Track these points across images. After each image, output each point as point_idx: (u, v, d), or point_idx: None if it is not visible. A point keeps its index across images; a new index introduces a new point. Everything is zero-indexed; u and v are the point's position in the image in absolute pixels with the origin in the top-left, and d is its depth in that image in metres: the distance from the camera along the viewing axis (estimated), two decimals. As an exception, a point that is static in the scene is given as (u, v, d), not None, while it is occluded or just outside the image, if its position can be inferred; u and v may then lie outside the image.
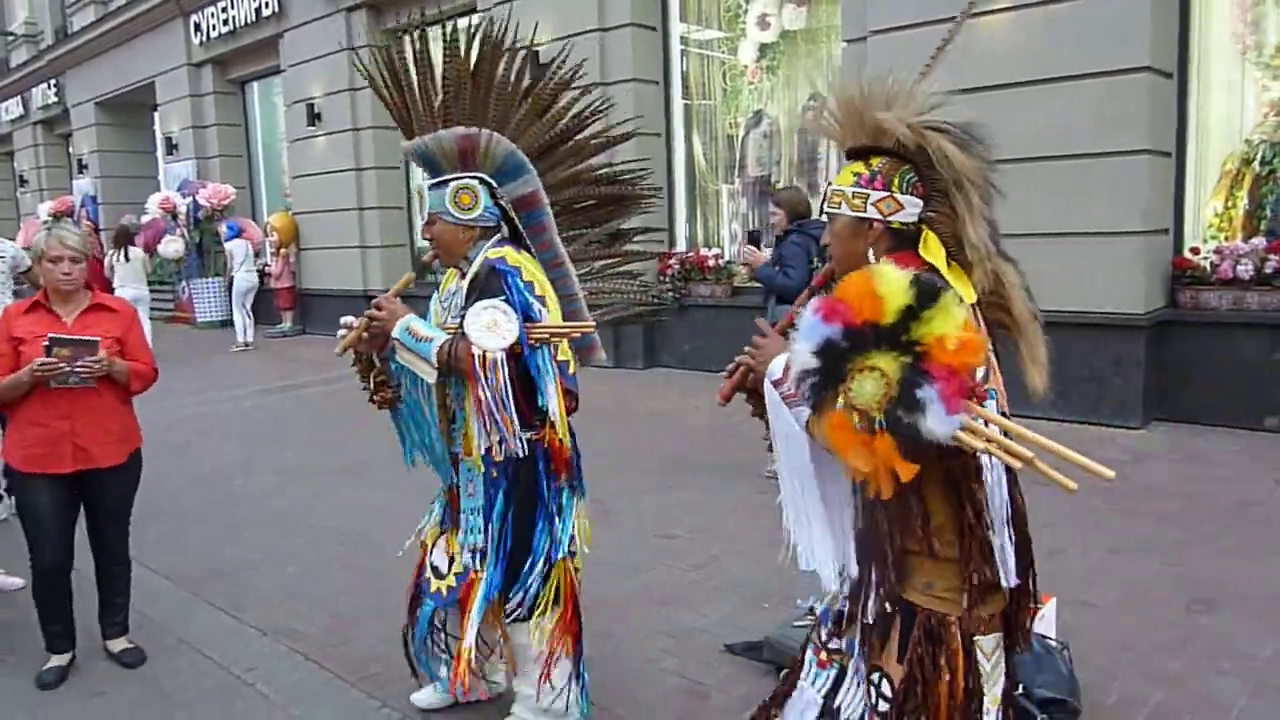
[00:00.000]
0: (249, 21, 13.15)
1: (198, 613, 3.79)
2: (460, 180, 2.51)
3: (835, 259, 1.78)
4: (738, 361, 1.81)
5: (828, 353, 1.46)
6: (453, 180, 2.51)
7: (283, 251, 12.85)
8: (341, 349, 2.56)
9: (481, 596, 2.55)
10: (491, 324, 2.32)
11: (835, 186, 1.74)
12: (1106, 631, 3.25)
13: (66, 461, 3.13)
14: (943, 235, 1.66)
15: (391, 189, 11.89)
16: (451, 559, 2.65)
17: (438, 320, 2.60)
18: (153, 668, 3.32)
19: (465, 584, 2.60)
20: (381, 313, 2.47)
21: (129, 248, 11.07)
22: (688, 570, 4.01)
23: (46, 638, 3.28)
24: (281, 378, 9.58)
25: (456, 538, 2.64)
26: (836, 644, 1.81)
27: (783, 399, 1.63)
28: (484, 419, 2.36)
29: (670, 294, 8.70)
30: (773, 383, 1.66)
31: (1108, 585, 3.67)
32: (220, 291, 13.98)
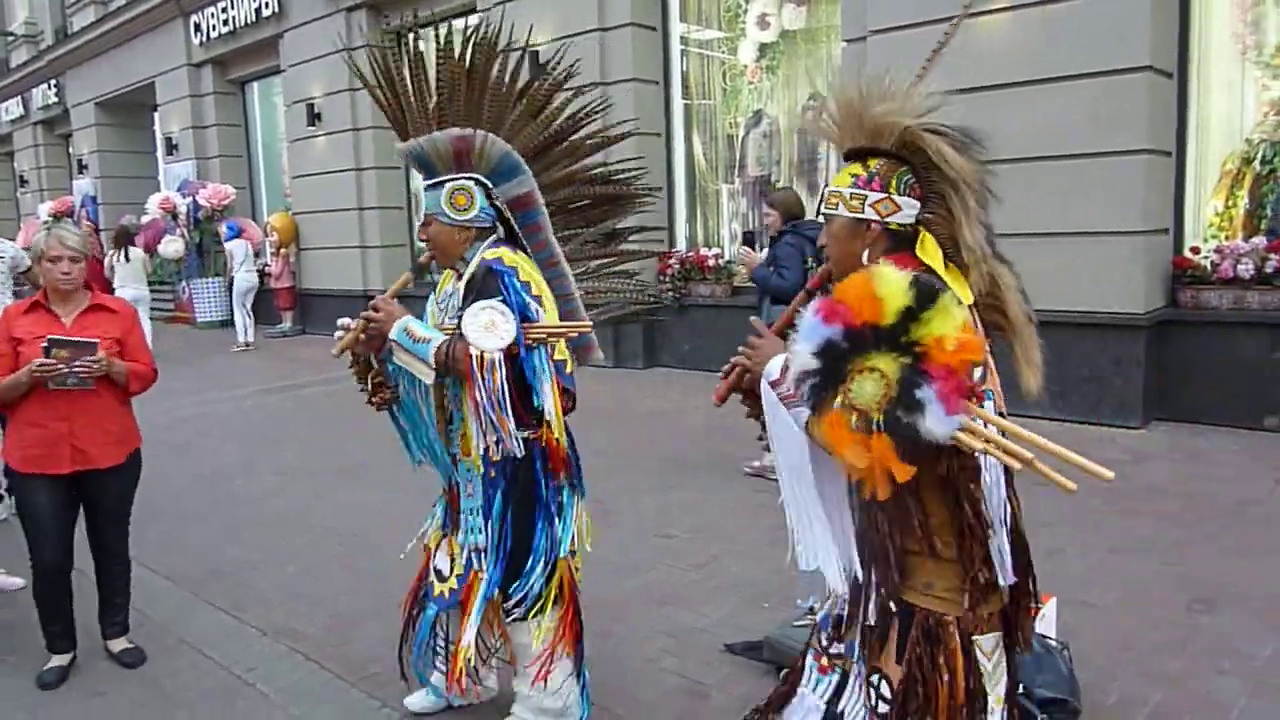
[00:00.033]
0: (249, 22, 13.16)
1: (198, 613, 3.79)
2: (456, 181, 2.51)
3: (833, 260, 1.79)
4: (733, 362, 1.80)
5: (828, 354, 1.47)
6: (448, 181, 2.51)
7: (283, 251, 12.86)
8: (339, 350, 2.56)
9: (482, 596, 2.55)
10: (489, 324, 2.32)
11: (833, 188, 1.75)
12: (1106, 631, 3.25)
13: (64, 462, 3.14)
14: (940, 237, 1.67)
15: (391, 189, 11.90)
16: (453, 560, 2.65)
17: (434, 321, 2.60)
18: (153, 668, 3.32)
19: (466, 584, 2.60)
20: (379, 314, 2.47)
21: (129, 248, 11.08)
22: (688, 570, 4.01)
23: (47, 638, 3.28)
24: (281, 378, 9.58)
25: (457, 538, 2.64)
26: (837, 649, 1.81)
27: (781, 400, 1.63)
28: (481, 419, 2.36)
29: (670, 294, 8.71)
30: (770, 384, 1.65)
31: (1108, 585, 3.67)
32: (220, 292, 13.99)
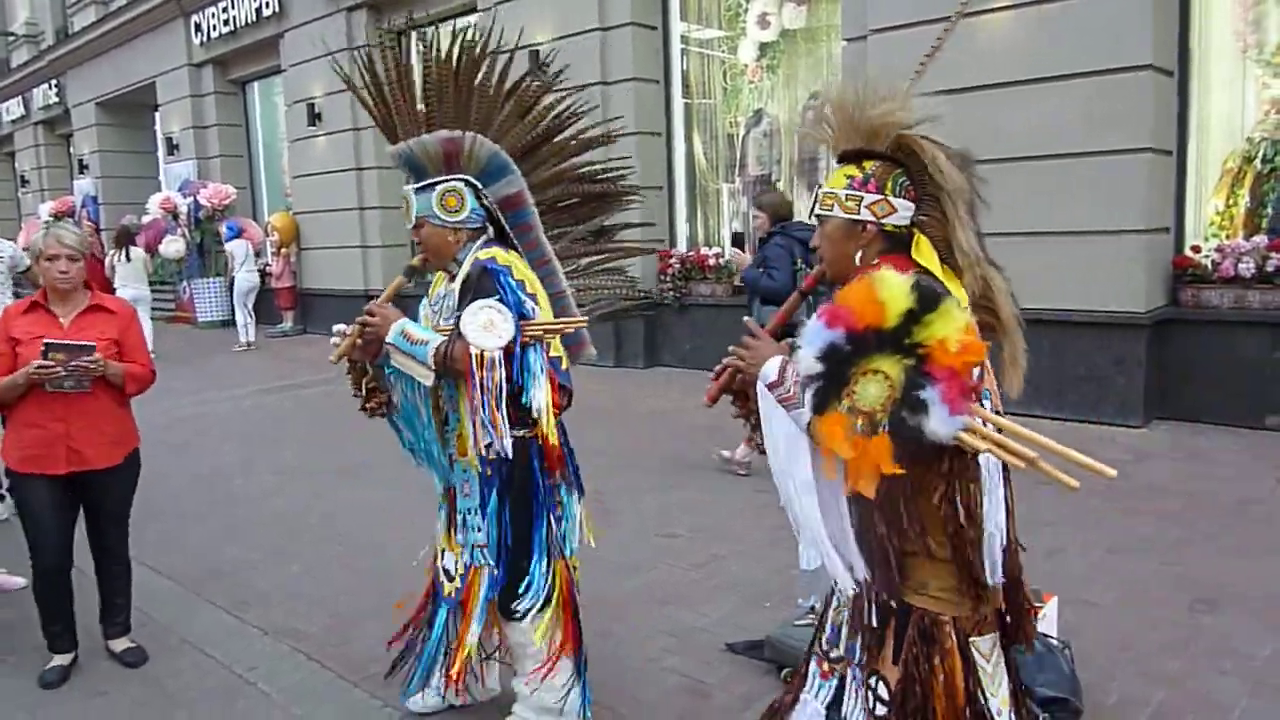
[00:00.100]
0: (249, 21, 13.16)
1: (199, 612, 3.79)
2: (446, 183, 2.52)
3: (827, 261, 1.79)
4: (725, 363, 1.80)
5: (831, 357, 1.49)
6: (439, 183, 2.52)
7: (283, 251, 12.86)
8: (337, 357, 2.56)
9: (484, 597, 2.56)
10: (488, 323, 2.33)
11: (828, 189, 1.75)
12: (1107, 631, 3.25)
13: (60, 463, 3.14)
14: (933, 238, 1.68)
15: (392, 189, 11.88)
16: (457, 560, 2.66)
17: (428, 324, 2.60)
18: (155, 667, 3.32)
19: (466, 584, 2.60)
20: (374, 318, 2.47)
21: (130, 248, 11.08)
22: (688, 569, 4.01)
23: (48, 637, 3.29)
24: (281, 377, 9.59)
25: (456, 538, 2.64)
26: (838, 653, 1.81)
27: (780, 401, 1.63)
28: (478, 418, 2.36)
29: (671, 293, 8.71)
30: (767, 386, 1.66)
31: (1108, 584, 3.67)
32: (221, 291, 13.99)
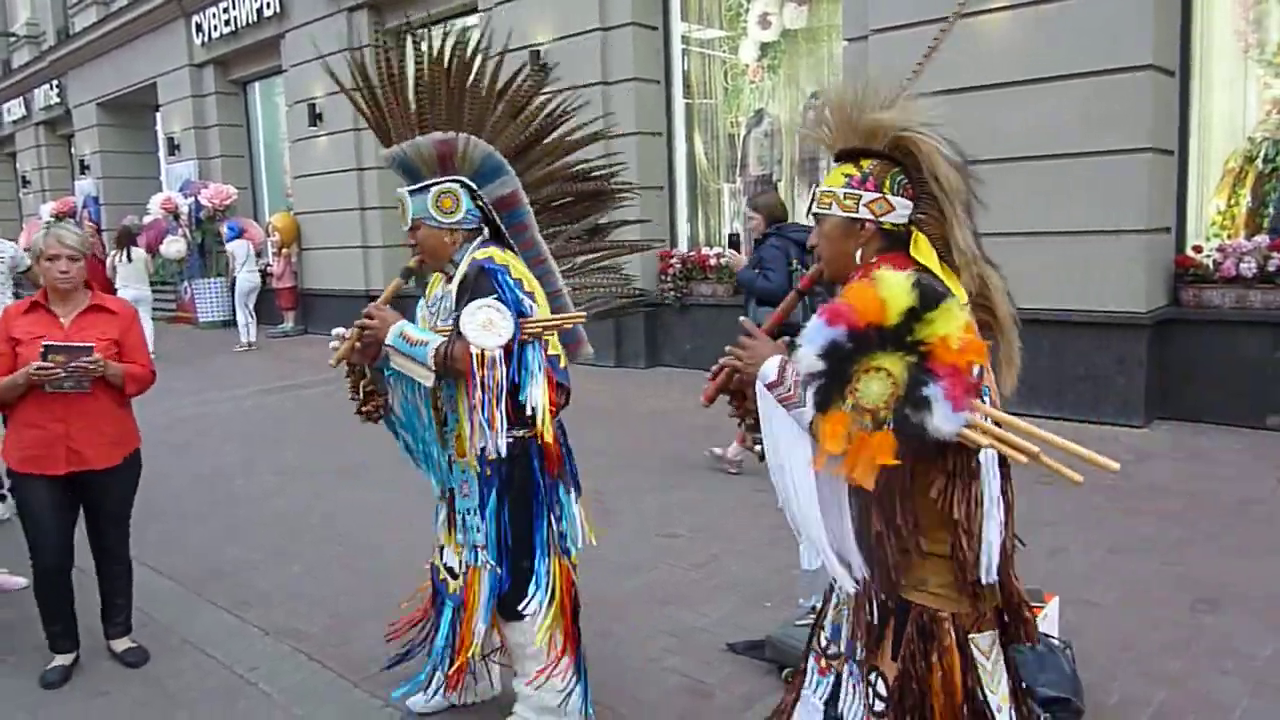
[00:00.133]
0: (250, 22, 13.16)
1: (200, 612, 3.79)
2: (441, 184, 2.53)
3: (825, 259, 1.79)
4: (722, 363, 1.80)
5: (833, 355, 1.50)
6: (434, 185, 2.53)
7: (284, 251, 12.87)
8: (336, 360, 2.57)
9: (486, 596, 2.55)
10: (487, 322, 2.34)
11: (826, 187, 1.75)
12: (1108, 631, 3.25)
13: (60, 463, 3.14)
14: (931, 237, 1.69)
15: (393, 189, 11.80)
16: (459, 559, 2.66)
17: (425, 325, 2.61)
18: (156, 667, 3.32)
19: (466, 583, 2.60)
20: (373, 321, 2.48)
21: (131, 248, 11.09)
22: (689, 569, 4.01)
23: (49, 638, 3.29)
24: (282, 378, 9.59)
25: (456, 537, 2.65)
26: (835, 650, 1.82)
27: (780, 401, 1.63)
28: (477, 417, 2.37)
29: (671, 293, 8.71)
30: (766, 385, 1.65)
31: (1109, 584, 3.66)
32: (222, 292, 14.00)
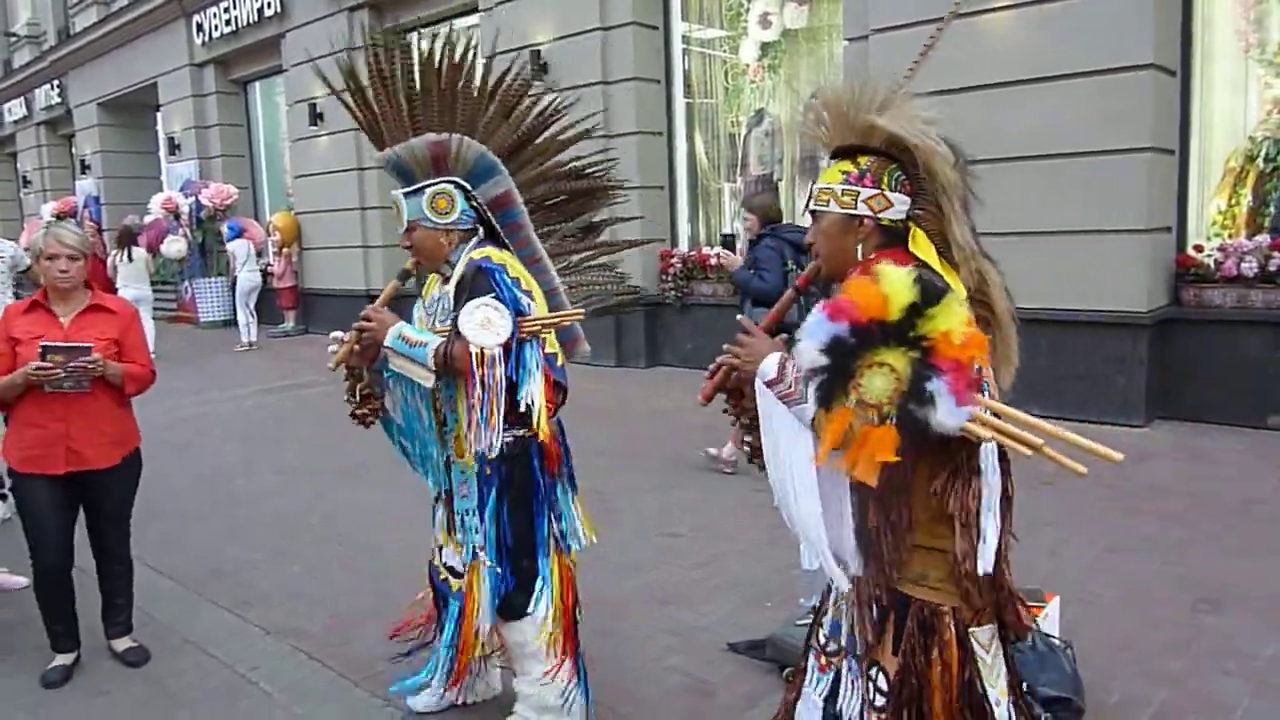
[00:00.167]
0: (251, 22, 13.17)
1: (201, 612, 3.79)
2: (436, 185, 2.53)
3: (823, 256, 1.79)
4: (720, 361, 1.80)
5: (835, 350, 1.50)
6: (428, 186, 2.53)
7: (285, 251, 12.87)
8: (335, 364, 2.57)
9: (489, 595, 2.55)
10: (485, 321, 2.34)
11: (823, 184, 1.75)
12: (1108, 630, 3.24)
13: (59, 463, 3.13)
14: (929, 233, 1.69)
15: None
16: (460, 557, 2.67)
17: (423, 326, 2.61)
18: (157, 666, 3.32)
19: (466, 582, 2.60)
20: (371, 323, 2.48)
21: (132, 248, 11.10)
22: (690, 569, 4.01)
23: (50, 637, 3.29)
24: (283, 377, 9.60)
25: (456, 537, 2.65)
26: (835, 646, 1.82)
27: (780, 398, 1.63)
28: (475, 416, 2.37)
29: (672, 293, 8.71)
30: (766, 383, 1.65)
31: (1109, 584, 3.66)
32: (223, 291, 14.01)
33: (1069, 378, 6.03)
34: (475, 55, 2.56)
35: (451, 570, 2.70)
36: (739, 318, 1.88)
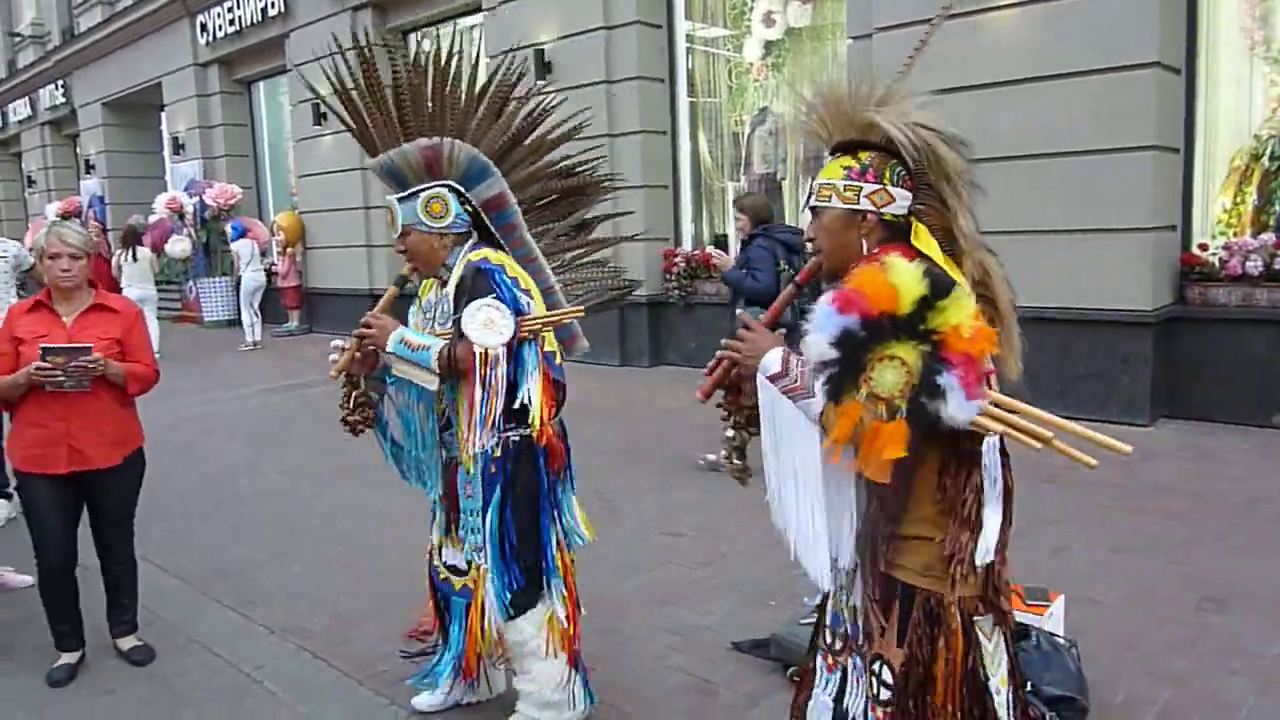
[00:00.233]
0: (255, 21, 13.18)
1: (206, 611, 3.80)
2: (430, 190, 2.54)
3: (826, 252, 1.78)
4: (720, 356, 1.79)
5: (846, 343, 1.50)
6: (422, 191, 2.54)
7: (289, 251, 12.89)
8: (337, 371, 2.59)
9: (499, 591, 2.55)
10: (488, 322, 2.36)
11: (824, 180, 1.75)
12: (1113, 630, 3.24)
13: (61, 462, 3.14)
14: (930, 228, 1.69)
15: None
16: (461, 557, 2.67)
17: (419, 330, 2.62)
18: (162, 665, 3.33)
19: (474, 580, 2.61)
20: (372, 330, 2.50)
21: (136, 248, 11.12)
22: (692, 568, 4.01)
23: (55, 636, 3.29)
24: (286, 377, 9.61)
25: (458, 535, 2.65)
26: (840, 643, 1.82)
27: (785, 392, 1.62)
28: (475, 416, 2.38)
29: (676, 292, 8.71)
30: (769, 377, 1.65)
31: (1114, 583, 3.65)
32: (227, 291, 14.02)
33: (1074, 376, 6.02)
34: (462, 58, 2.57)
35: (452, 569, 2.71)
36: (738, 312, 1.88)
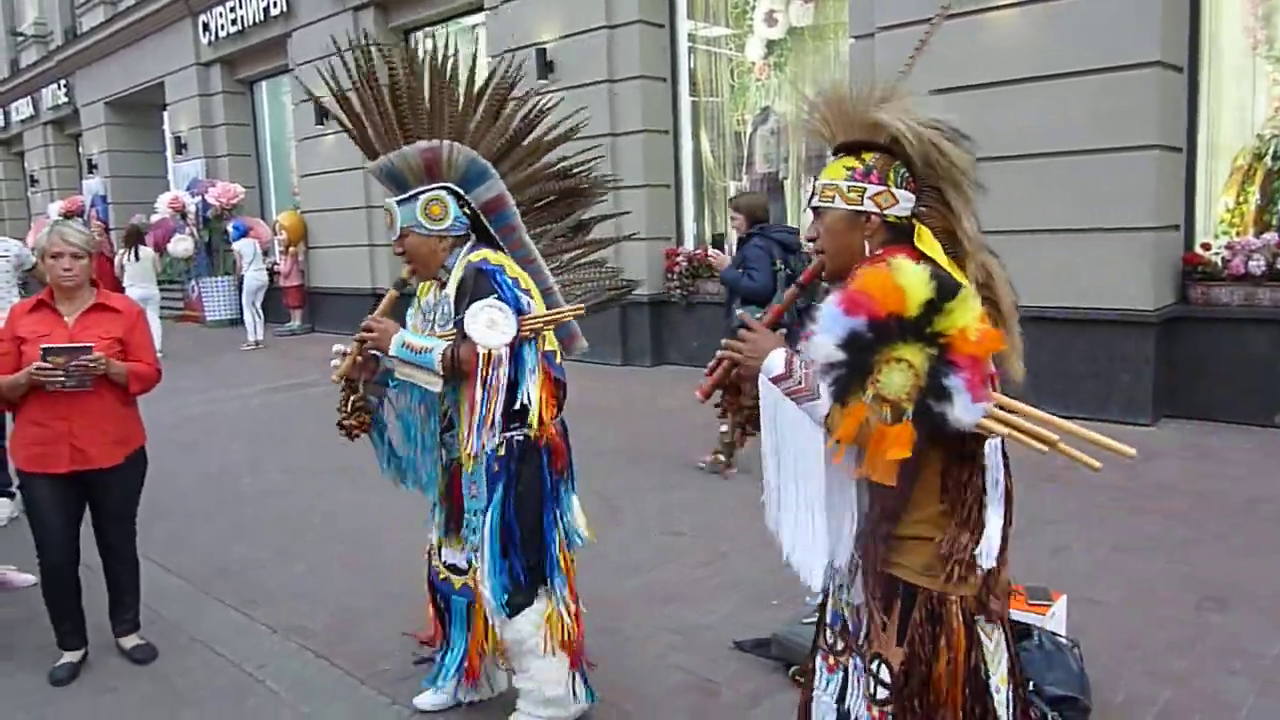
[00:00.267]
0: (257, 21, 13.20)
1: (208, 610, 3.81)
2: (429, 192, 2.55)
3: (829, 253, 1.78)
4: (720, 356, 1.78)
5: (853, 345, 1.49)
6: (422, 193, 2.55)
7: (291, 250, 12.90)
8: (339, 376, 2.59)
9: (496, 591, 2.56)
10: (490, 322, 2.37)
11: (828, 180, 1.74)
12: (1114, 629, 3.23)
13: (63, 461, 3.14)
14: (933, 230, 1.69)
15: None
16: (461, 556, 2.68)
17: (417, 331, 2.62)
18: (164, 664, 3.33)
19: (475, 580, 2.61)
20: (373, 333, 2.50)
21: (139, 247, 11.12)
22: (694, 568, 4.01)
23: (57, 635, 3.30)
24: (289, 376, 9.62)
25: (461, 534, 2.65)
26: (841, 645, 1.82)
27: (789, 394, 1.61)
28: (475, 417, 2.39)
29: (678, 291, 8.71)
30: (772, 379, 1.64)
31: (1114, 583, 3.65)
32: (229, 290, 14.04)
33: (1076, 376, 6.02)
34: (459, 59, 2.58)
35: (452, 568, 2.71)
36: (739, 313, 1.88)
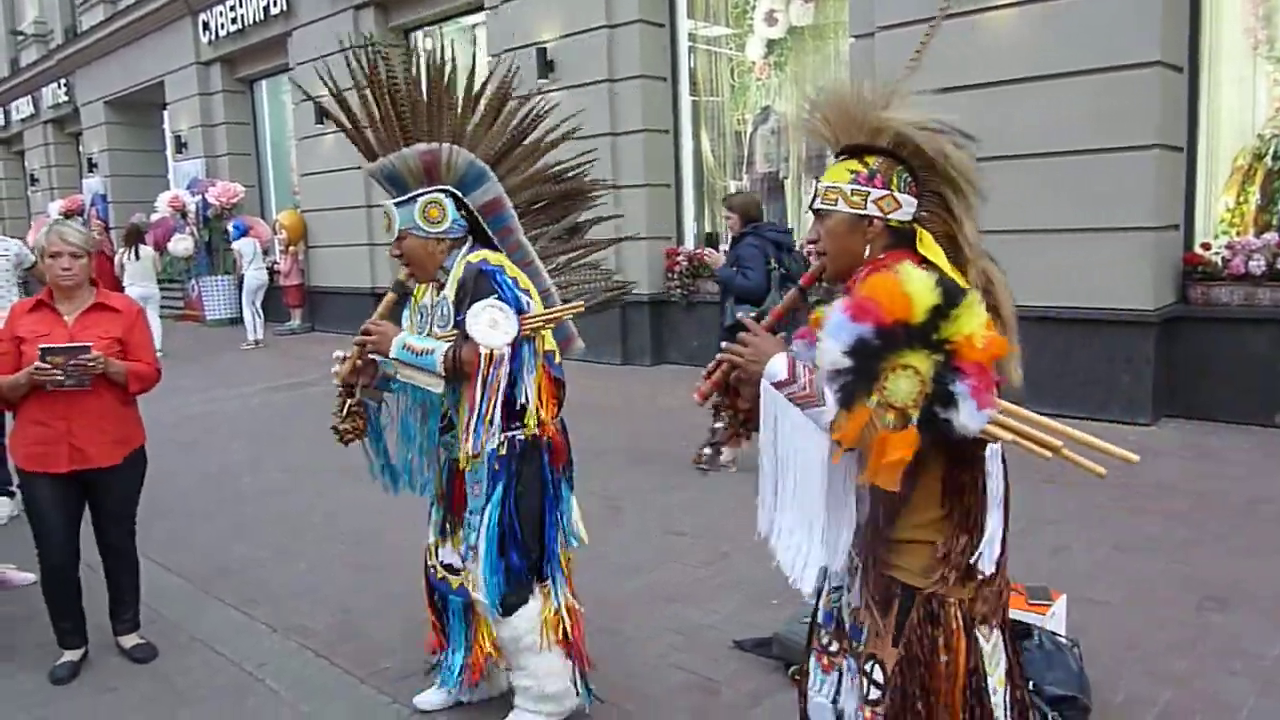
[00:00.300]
0: (257, 20, 13.19)
1: (208, 610, 3.81)
2: (428, 194, 2.55)
3: (830, 255, 1.78)
4: (720, 359, 1.77)
5: (860, 352, 1.49)
6: (420, 195, 2.55)
7: (291, 249, 12.90)
8: (341, 379, 2.60)
9: (490, 591, 2.56)
10: (492, 322, 2.38)
11: (830, 183, 1.74)
12: (1114, 630, 3.23)
13: (63, 461, 3.15)
14: (934, 235, 1.69)
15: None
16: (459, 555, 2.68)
17: (414, 332, 2.63)
18: (164, 663, 3.33)
19: (473, 579, 2.61)
20: (373, 336, 2.51)
21: (139, 246, 11.13)
22: (695, 567, 4.01)
23: (58, 634, 3.30)
24: (289, 375, 9.62)
25: (459, 535, 2.66)
26: (836, 645, 1.82)
27: (793, 400, 1.59)
28: (474, 417, 2.39)
29: (678, 290, 8.71)
30: (775, 384, 1.62)
31: (1115, 583, 3.65)
32: (230, 289, 14.04)
33: (1076, 376, 6.01)
34: (457, 62, 2.58)
35: (449, 568, 2.72)
36: (739, 316, 1.87)
